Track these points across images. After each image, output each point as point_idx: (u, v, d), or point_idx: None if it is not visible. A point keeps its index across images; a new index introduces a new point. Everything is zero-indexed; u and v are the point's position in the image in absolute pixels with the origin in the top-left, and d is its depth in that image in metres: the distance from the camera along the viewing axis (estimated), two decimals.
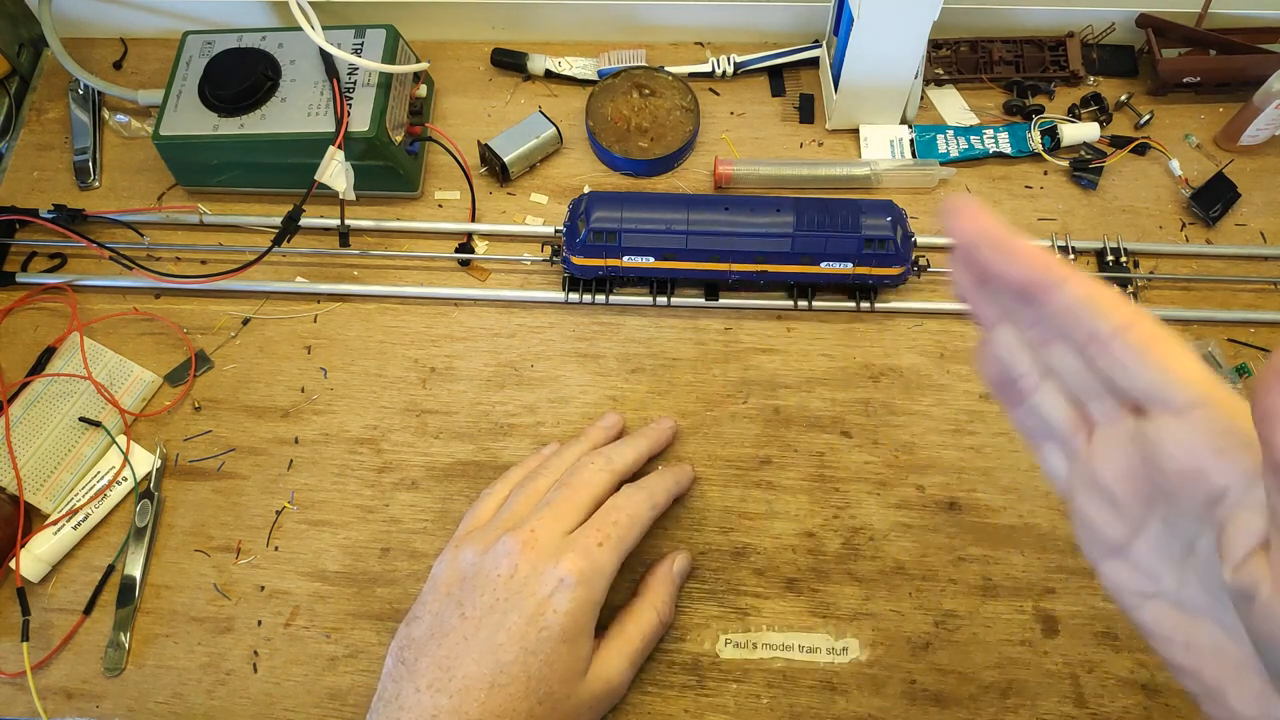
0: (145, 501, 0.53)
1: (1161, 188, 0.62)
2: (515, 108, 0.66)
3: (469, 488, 0.53)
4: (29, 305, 0.59)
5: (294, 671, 0.49)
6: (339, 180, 0.55)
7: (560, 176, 0.63)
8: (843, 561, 0.51)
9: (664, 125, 0.62)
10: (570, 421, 0.55)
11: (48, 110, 0.66)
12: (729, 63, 0.65)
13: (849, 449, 0.54)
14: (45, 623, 0.51)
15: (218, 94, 0.57)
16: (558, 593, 0.41)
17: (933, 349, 0.57)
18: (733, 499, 0.53)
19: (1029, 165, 0.63)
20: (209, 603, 0.51)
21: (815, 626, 0.50)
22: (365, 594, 0.51)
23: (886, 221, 0.54)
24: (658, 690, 0.48)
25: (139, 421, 0.56)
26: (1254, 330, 0.57)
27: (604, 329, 0.58)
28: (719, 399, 0.56)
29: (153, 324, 0.59)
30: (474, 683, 0.40)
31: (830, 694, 0.48)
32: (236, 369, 0.57)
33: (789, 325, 0.58)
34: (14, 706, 0.49)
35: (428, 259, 0.60)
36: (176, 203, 0.62)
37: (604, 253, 0.55)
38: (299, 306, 0.59)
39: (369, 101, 0.57)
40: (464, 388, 0.56)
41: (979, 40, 0.65)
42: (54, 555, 0.52)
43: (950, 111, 0.65)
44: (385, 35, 0.59)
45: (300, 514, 0.53)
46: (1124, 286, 0.57)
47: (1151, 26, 0.63)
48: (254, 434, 0.55)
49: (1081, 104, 0.64)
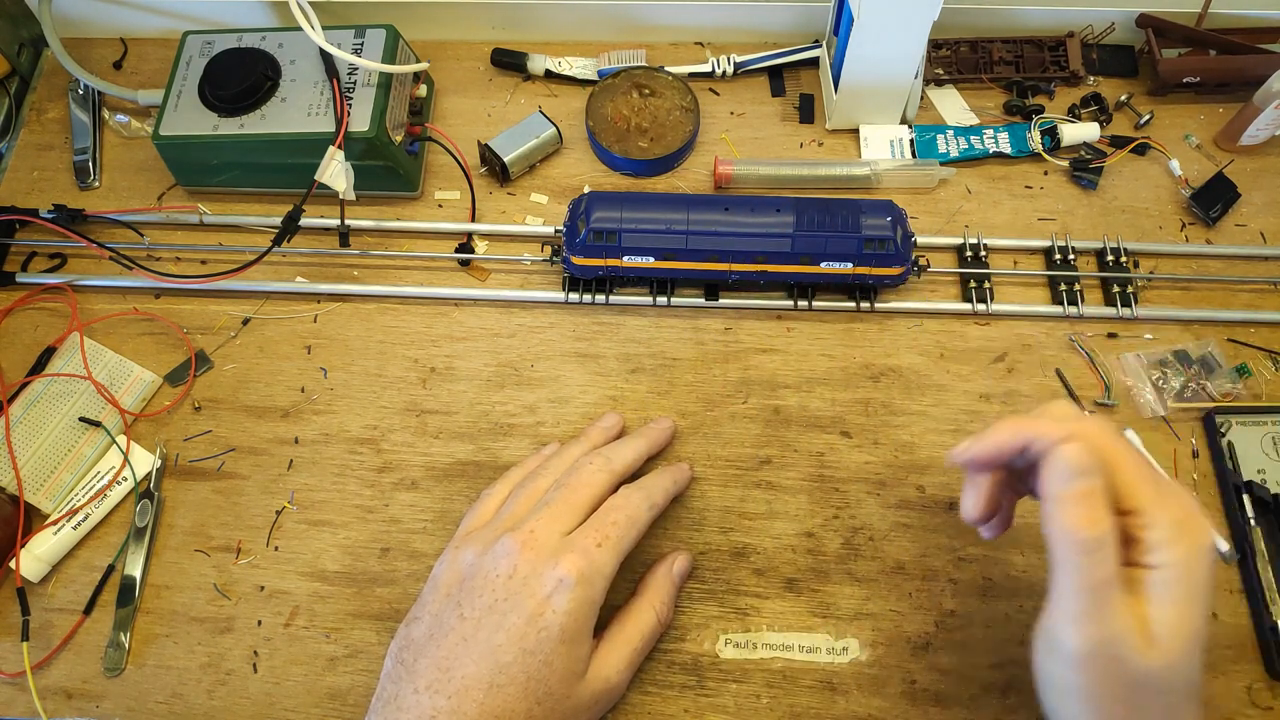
0: (145, 501, 0.53)
1: (1161, 188, 0.62)
2: (515, 108, 0.66)
3: (469, 488, 0.53)
4: (29, 305, 0.59)
5: (294, 671, 0.49)
6: (339, 180, 0.55)
7: (560, 176, 0.63)
8: (843, 561, 0.51)
9: (664, 125, 0.62)
10: (570, 421, 0.55)
11: (48, 110, 0.66)
12: (729, 63, 0.65)
13: (849, 449, 0.54)
14: (45, 623, 0.51)
15: (218, 94, 0.57)
16: (557, 593, 0.41)
17: (933, 349, 0.57)
18: (733, 499, 0.53)
19: (1029, 165, 0.63)
20: (209, 603, 0.51)
21: (815, 626, 0.50)
22: (365, 594, 0.51)
23: (886, 221, 0.54)
24: (658, 690, 0.48)
25: (139, 421, 0.56)
26: (1254, 330, 0.57)
27: (604, 329, 0.58)
28: (719, 399, 0.56)
29: (153, 324, 0.59)
30: (473, 683, 0.40)
31: (830, 694, 0.48)
32: (236, 369, 0.57)
33: (789, 325, 0.58)
34: (14, 706, 0.49)
35: (428, 259, 0.60)
36: (176, 203, 0.62)
37: (604, 253, 0.55)
38: (299, 306, 0.59)
39: (369, 101, 0.57)
40: (464, 388, 0.56)
41: (979, 40, 0.65)
42: (54, 555, 0.52)
43: (950, 111, 0.65)
44: (385, 35, 0.59)
45: (300, 514, 0.53)
46: (1124, 286, 0.57)
47: (1151, 26, 0.63)
48: (254, 434, 0.55)
49: (1081, 104, 0.64)
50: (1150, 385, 0.55)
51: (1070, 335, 0.57)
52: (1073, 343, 0.57)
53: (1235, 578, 0.50)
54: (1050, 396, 0.55)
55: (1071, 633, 0.35)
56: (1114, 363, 0.56)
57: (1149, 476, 0.36)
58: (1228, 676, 0.48)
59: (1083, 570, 0.34)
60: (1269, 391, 0.55)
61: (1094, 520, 0.34)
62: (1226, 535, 0.51)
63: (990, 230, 0.60)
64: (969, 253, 0.59)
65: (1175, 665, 0.34)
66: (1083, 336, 0.57)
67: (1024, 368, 0.56)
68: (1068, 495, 0.35)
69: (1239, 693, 0.48)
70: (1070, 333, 0.57)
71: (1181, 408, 0.54)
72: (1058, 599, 0.35)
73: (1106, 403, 0.55)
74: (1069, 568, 0.34)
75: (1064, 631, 0.35)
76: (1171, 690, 0.35)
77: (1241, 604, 0.50)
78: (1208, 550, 0.35)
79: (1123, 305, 0.57)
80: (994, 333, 0.57)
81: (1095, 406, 0.55)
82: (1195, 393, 0.55)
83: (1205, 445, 0.54)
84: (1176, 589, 0.34)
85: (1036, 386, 0.55)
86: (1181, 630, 0.34)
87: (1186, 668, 0.34)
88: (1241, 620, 0.49)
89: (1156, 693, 0.34)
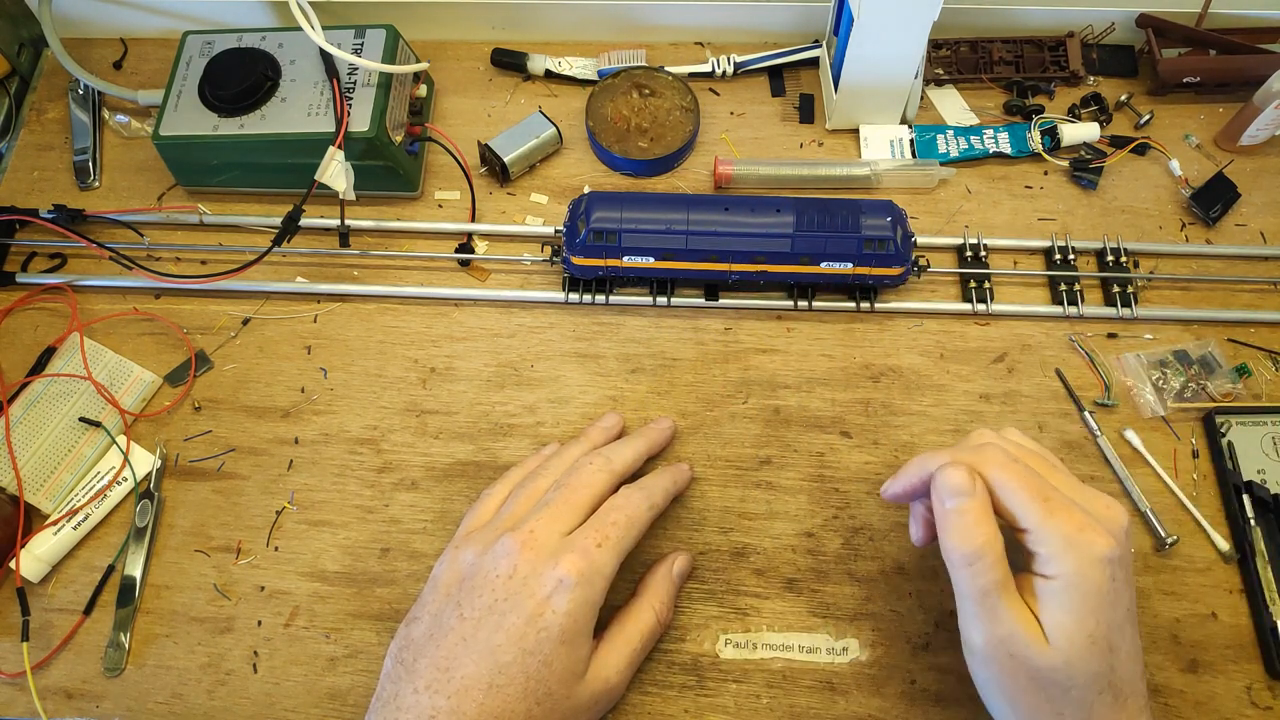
0: (145, 501, 0.53)
1: (1161, 188, 0.62)
2: (515, 108, 0.66)
3: (469, 488, 0.53)
4: (29, 305, 0.59)
5: (294, 672, 0.49)
6: (339, 180, 0.55)
7: (560, 176, 0.63)
8: (843, 561, 0.51)
9: (664, 125, 0.62)
10: (570, 421, 0.55)
11: (48, 110, 0.66)
12: (729, 63, 0.65)
13: (849, 449, 0.54)
14: (45, 623, 0.51)
15: (218, 94, 0.57)
16: (556, 593, 0.41)
17: (933, 349, 0.57)
18: (733, 499, 0.53)
19: (1029, 165, 0.63)
20: (209, 603, 0.51)
21: (815, 626, 0.50)
22: (365, 594, 0.51)
23: (886, 221, 0.54)
24: (658, 690, 0.48)
25: (139, 422, 0.56)
26: (1254, 330, 0.57)
27: (604, 329, 0.58)
28: (719, 399, 0.55)
29: (153, 324, 0.59)
30: (472, 683, 0.40)
31: (830, 694, 0.48)
32: (236, 369, 0.57)
33: (789, 325, 0.58)
34: (14, 706, 0.49)
35: (428, 259, 0.60)
36: (176, 203, 0.62)
37: (604, 253, 0.55)
38: (299, 306, 0.59)
39: (369, 101, 0.57)
40: (464, 388, 0.56)
41: (979, 40, 0.65)
42: (54, 555, 0.52)
43: (950, 111, 0.65)
44: (385, 35, 0.59)
45: (300, 514, 0.53)
46: (1124, 286, 0.57)
47: (1151, 26, 0.63)
48: (254, 434, 0.55)
49: (1081, 104, 0.64)
50: (1150, 385, 0.55)
51: (1070, 335, 0.57)
52: (1073, 343, 0.57)
53: (1235, 578, 0.50)
54: (1050, 397, 0.55)
55: (971, 633, 0.40)
56: (1114, 363, 0.56)
57: (1040, 495, 0.38)
58: (1228, 676, 0.48)
59: (966, 579, 0.39)
60: (1269, 391, 0.55)
61: (969, 536, 0.38)
62: (1226, 535, 0.51)
63: (990, 230, 0.60)
64: (969, 253, 0.59)
65: (1074, 663, 0.37)
66: (1083, 336, 0.57)
67: (1024, 368, 0.56)
68: (945, 514, 0.39)
69: (1239, 693, 0.48)
70: (1070, 333, 0.57)
71: (1181, 408, 0.54)
72: (959, 606, 0.40)
73: (1106, 403, 0.55)
74: (957, 577, 0.39)
75: (966, 632, 0.40)
76: (1075, 685, 0.38)
77: (1241, 604, 0.50)
78: (1100, 561, 0.38)
79: (1123, 305, 0.57)
80: (994, 333, 0.57)
81: (1095, 406, 0.55)
82: (1195, 393, 0.55)
83: (1205, 445, 0.54)
84: (1065, 597, 0.38)
85: (1036, 386, 0.55)
86: (1076, 633, 0.37)
87: (1088, 665, 0.38)
88: (1241, 620, 0.49)
89: (1062, 688, 0.38)
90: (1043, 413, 0.55)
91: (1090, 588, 0.37)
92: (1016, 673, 0.38)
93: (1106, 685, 0.38)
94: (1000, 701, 0.40)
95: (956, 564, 0.39)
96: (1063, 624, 0.38)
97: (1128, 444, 0.54)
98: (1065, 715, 0.38)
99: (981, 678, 0.40)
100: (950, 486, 0.39)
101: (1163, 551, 0.51)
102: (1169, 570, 0.51)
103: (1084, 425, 0.54)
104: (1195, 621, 0.49)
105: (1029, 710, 0.39)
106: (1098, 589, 0.37)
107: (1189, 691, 0.48)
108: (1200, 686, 0.48)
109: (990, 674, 0.40)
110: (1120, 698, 0.39)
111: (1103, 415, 0.55)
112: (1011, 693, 0.39)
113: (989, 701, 0.41)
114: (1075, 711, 0.38)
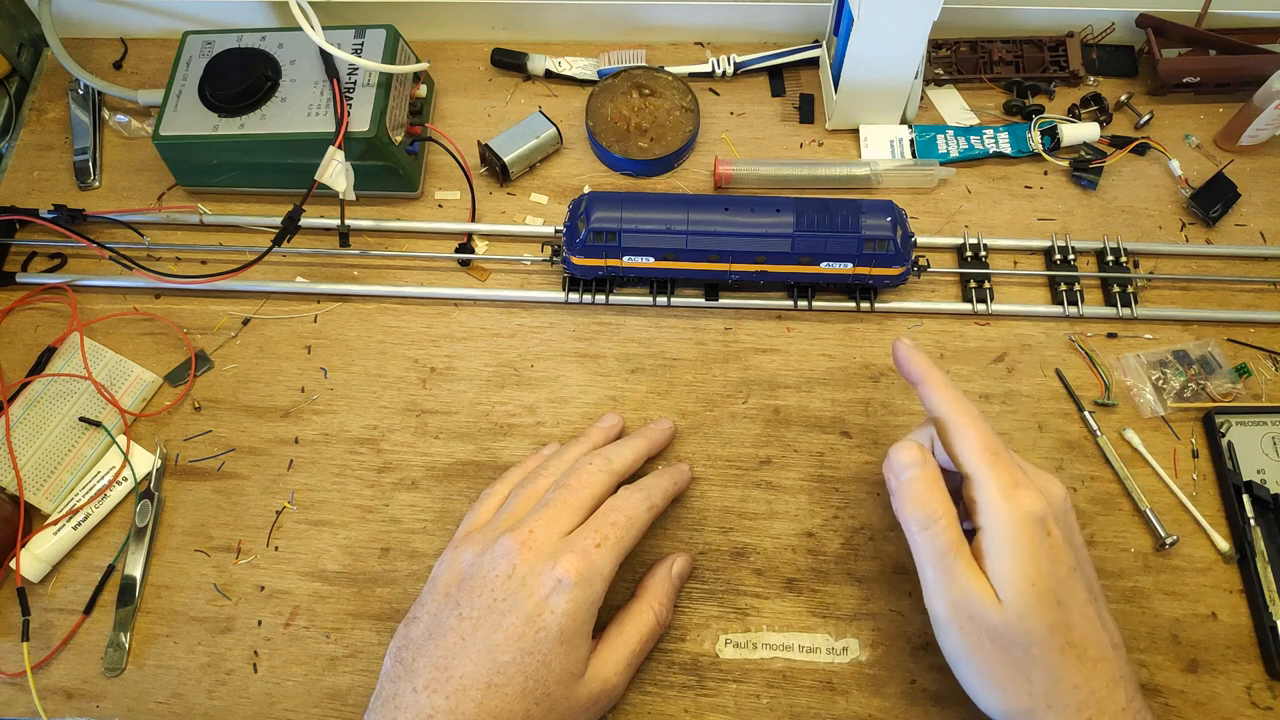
0: (145, 501, 0.53)
1: (1161, 188, 0.62)
2: (515, 108, 0.66)
3: (469, 488, 0.53)
4: (29, 305, 0.59)
5: (294, 671, 0.49)
6: (339, 180, 0.55)
7: (560, 176, 0.63)
8: (843, 561, 0.51)
9: (664, 125, 0.62)
10: (570, 421, 0.55)
11: (48, 110, 0.66)
12: (729, 63, 0.65)
13: (849, 449, 0.54)
14: (45, 623, 0.51)
15: (218, 94, 0.57)
16: (555, 593, 0.41)
17: (933, 349, 0.57)
18: (733, 499, 0.53)
19: (1029, 165, 0.63)
20: (209, 603, 0.51)
21: (815, 626, 0.50)
22: (365, 594, 0.51)
23: (886, 221, 0.54)
24: (658, 690, 0.48)
25: (139, 421, 0.56)
26: (1253, 330, 0.57)
27: (604, 329, 0.58)
28: (719, 399, 0.56)
29: (153, 324, 0.59)
30: (471, 683, 0.40)
31: (830, 694, 0.48)
32: (236, 369, 0.57)
33: (789, 325, 0.58)
34: (14, 706, 0.49)
35: (428, 259, 0.60)
36: (176, 203, 0.62)
37: (604, 253, 0.55)
38: (299, 306, 0.59)
39: (369, 101, 0.57)
40: (464, 388, 0.56)
41: (979, 40, 0.65)
42: (54, 555, 0.52)
43: (950, 111, 0.65)
44: (385, 35, 0.59)
45: (300, 514, 0.53)
46: (1124, 286, 0.57)
47: (1151, 26, 0.63)
48: (254, 434, 0.55)
49: (1081, 104, 0.64)
50: (1150, 385, 0.55)
51: (1070, 335, 0.57)
52: (1073, 343, 0.57)
53: (1235, 578, 0.50)
54: (1050, 396, 0.55)
55: (934, 602, 0.41)
56: (1114, 363, 0.56)
57: (988, 448, 0.41)
58: (1228, 676, 0.48)
59: (924, 545, 0.41)
60: (1269, 391, 0.55)
61: (922, 501, 0.41)
62: (1226, 535, 0.51)
63: (990, 230, 0.60)
64: (969, 253, 0.59)
65: (1026, 616, 0.38)
66: (1083, 336, 0.57)
67: (1024, 368, 0.56)
68: (900, 485, 0.42)
69: (1239, 693, 0.48)
70: (1070, 333, 0.57)
71: (1181, 408, 0.54)
72: (921, 577, 0.41)
73: (1106, 403, 0.55)
74: (915, 545, 0.41)
75: (930, 603, 0.41)
76: (1034, 643, 0.38)
77: (1241, 604, 0.50)
78: (1030, 516, 0.39)
79: (1123, 305, 0.57)
80: (994, 333, 0.57)
81: (1095, 406, 0.55)
82: (1195, 393, 0.55)
83: (1205, 445, 0.54)
84: (1002, 546, 0.39)
85: (1036, 386, 0.55)
86: (1020, 581, 0.38)
87: (1040, 617, 0.38)
88: (1242, 620, 0.49)
89: (1022, 646, 0.39)
90: (1043, 413, 0.55)
91: (1024, 538, 0.39)
92: (979, 635, 0.39)
93: (1066, 643, 0.39)
94: (971, 673, 0.41)
95: (914, 529, 0.41)
96: (1006, 574, 0.39)
97: (1128, 444, 0.54)
98: (1034, 680, 0.39)
99: (950, 649, 0.41)
100: (902, 461, 0.42)
101: (1163, 551, 0.51)
102: (1169, 570, 0.51)
103: (1084, 425, 0.54)
104: (1195, 621, 0.49)
105: (998, 677, 0.40)
106: (1031, 539, 0.39)
107: (1189, 691, 0.48)
108: (1200, 686, 0.48)
109: (956, 643, 0.40)
110: (1086, 659, 0.39)
111: (1102, 415, 0.55)
112: (979, 661, 0.40)
113: (963, 677, 0.42)
114: (1042, 675, 0.39)
